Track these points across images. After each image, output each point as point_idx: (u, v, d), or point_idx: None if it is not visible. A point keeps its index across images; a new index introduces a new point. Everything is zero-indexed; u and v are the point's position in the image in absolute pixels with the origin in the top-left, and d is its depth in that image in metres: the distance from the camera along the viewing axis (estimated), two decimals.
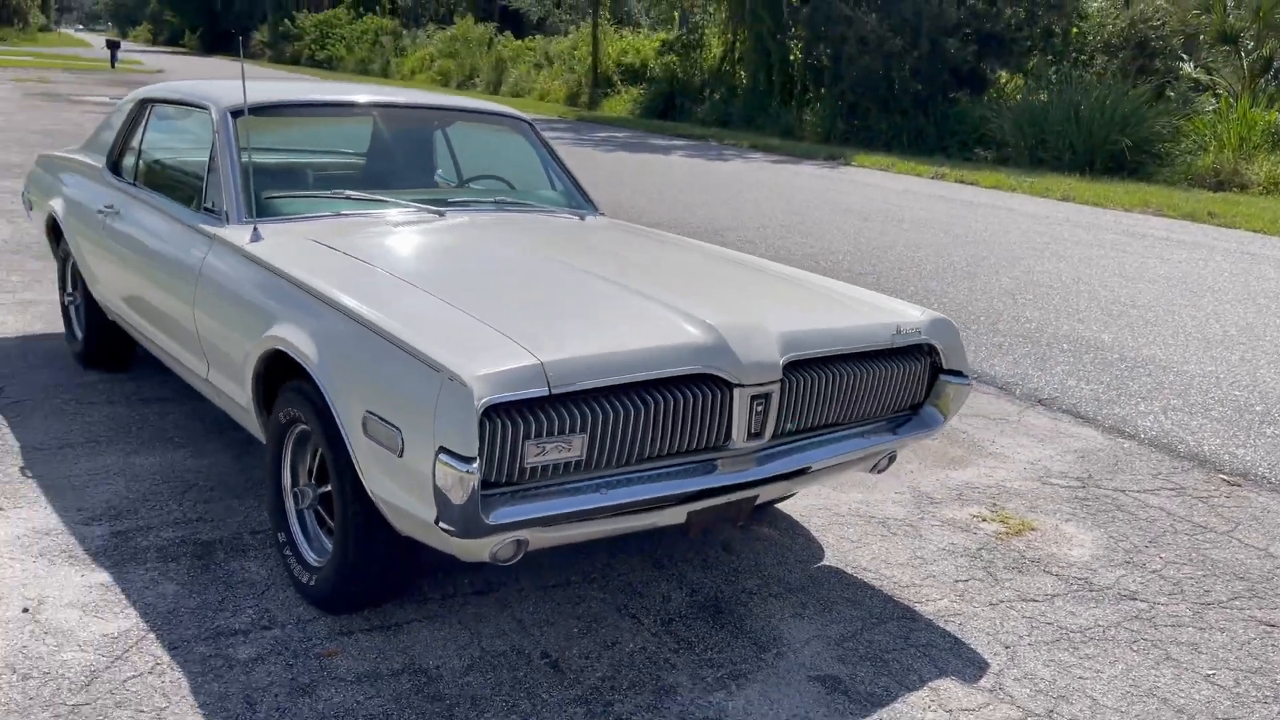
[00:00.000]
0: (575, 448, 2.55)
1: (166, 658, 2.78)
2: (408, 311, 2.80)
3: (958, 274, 8.75)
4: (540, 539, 2.65)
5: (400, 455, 2.48)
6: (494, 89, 41.61)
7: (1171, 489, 4.44)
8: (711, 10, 31.61)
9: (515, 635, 3.01)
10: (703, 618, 3.17)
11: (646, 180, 14.61)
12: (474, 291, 3.09)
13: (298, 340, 2.87)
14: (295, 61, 64.41)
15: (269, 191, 3.80)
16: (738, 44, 29.66)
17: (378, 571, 2.93)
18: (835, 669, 2.94)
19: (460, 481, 2.34)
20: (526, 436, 2.47)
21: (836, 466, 3.19)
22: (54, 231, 5.14)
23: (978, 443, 4.88)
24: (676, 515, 2.86)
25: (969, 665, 3.01)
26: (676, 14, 34.43)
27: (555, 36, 44.43)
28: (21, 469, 3.92)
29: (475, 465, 2.35)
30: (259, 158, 3.90)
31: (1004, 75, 22.13)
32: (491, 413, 2.41)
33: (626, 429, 2.62)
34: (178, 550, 3.37)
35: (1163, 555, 3.79)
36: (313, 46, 63.51)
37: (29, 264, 7.10)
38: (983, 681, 2.93)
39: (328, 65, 60.49)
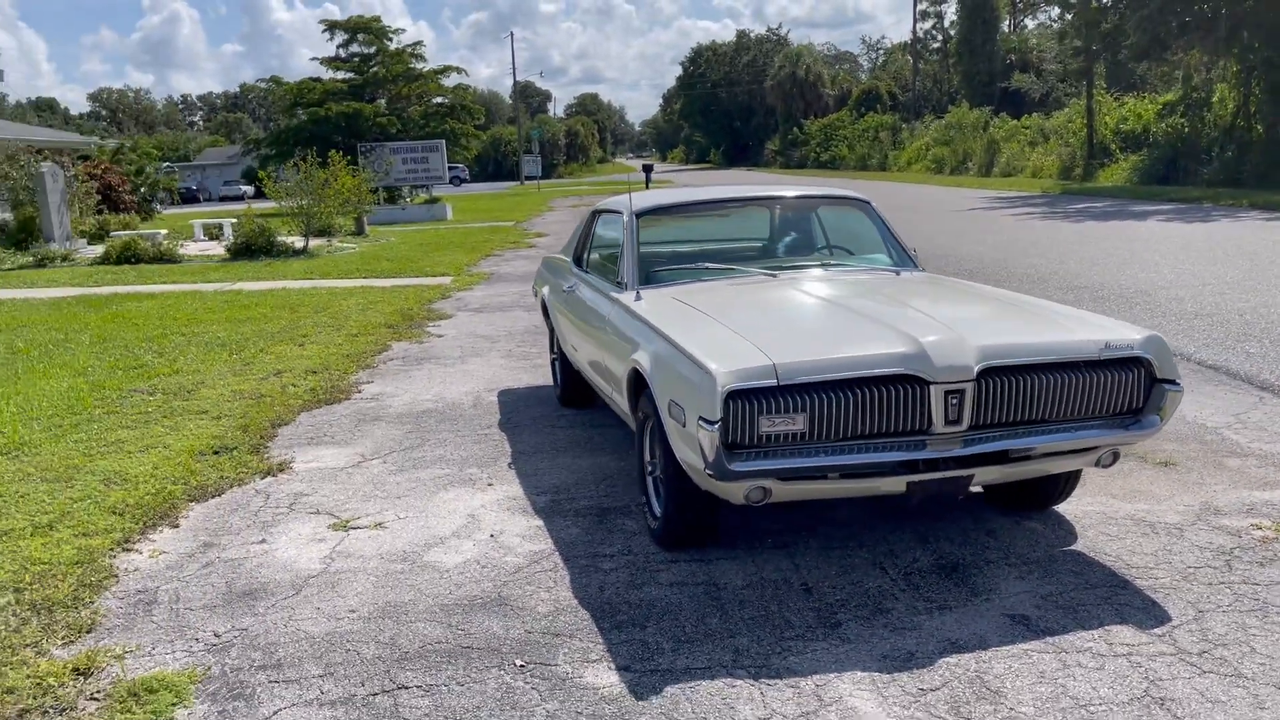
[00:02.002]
0: (798, 423, 3.70)
1: (562, 564, 4.30)
2: (701, 335, 4.13)
3: None
4: (782, 490, 3.80)
5: (684, 426, 3.80)
6: (985, 171, 41.76)
7: None
8: (1222, 64, 29.50)
9: (788, 572, 4.14)
10: (938, 573, 4.06)
11: (1077, 248, 14.58)
12: (758, 321, 4.34)
13: (642, 359, 4.32)
14: (801, 165, 69.11)
15: (653, 268, 5.36)
16: (1252, 97, 27.39)
17: (692, 519, 4.23)
18: (1028, 610, 3.69)
19: (710, 439, 3.61)
20: (761, 413, 3.67)
21: (1048, 455, 3.93)
22: (545, 310, 7.21)
23: None
24: (896, 484, 3.85)
25: (1152, 619, 3.59)
26: (1179, 73, 32.47)
27: (1057, 112, 43.52)
28: (509, 464, 5.79)
29: (718, 427, 3.60)
30: (655, 245, 5.50)
31: None
32: (735, 396, 3.65)
33: (839, 411, 3.71)
34: (587, 511, 4.95)
35: None
36: (817, 150, 67.74)
37: (544, 340, 9.49)
38: (1156, 630, 3.51)
39: (830, 165, 64.18)
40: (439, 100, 40.86)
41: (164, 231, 21.85)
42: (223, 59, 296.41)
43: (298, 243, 19.98)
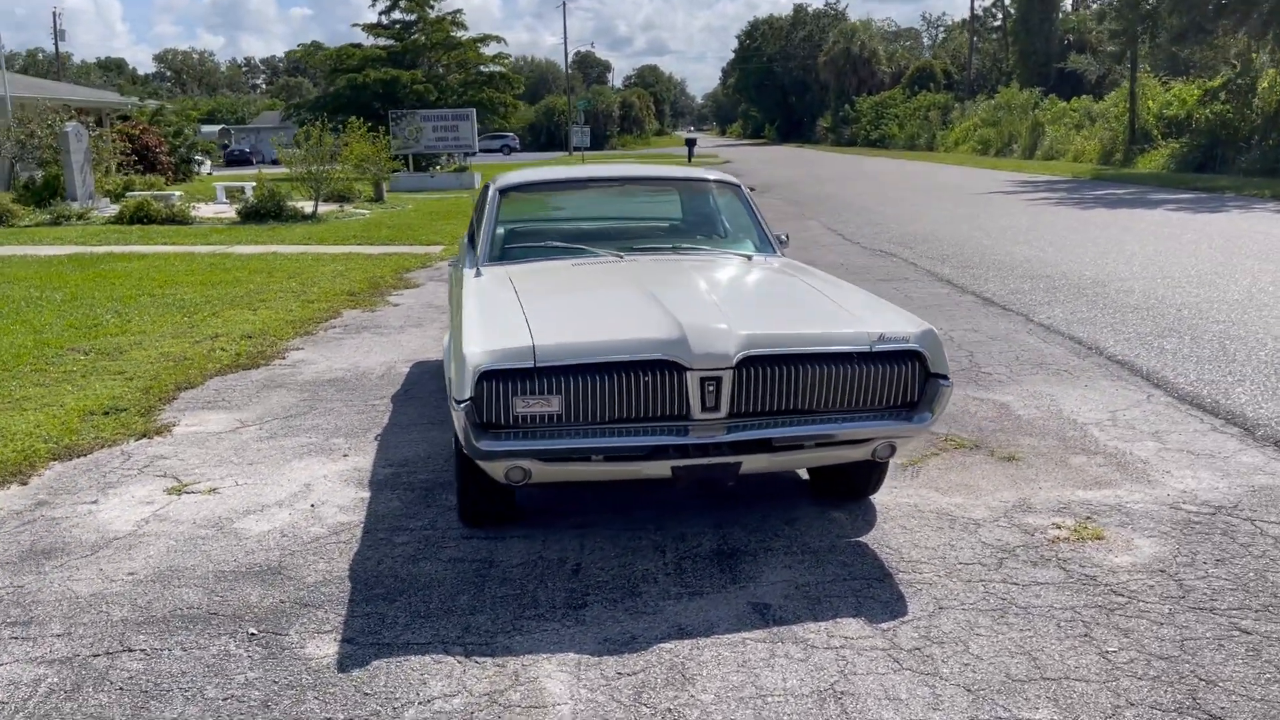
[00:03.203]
0: (554, 405, 3.72)
1: (360, 537, 4.38)
2: (491, 314, 4.16)
3: None
4: (544, 471, 3.83)
5: (451, 409, 3.85)
6: (1029, 153, 40.97)
7: None
8: (1269, 48, 28.56)
9: (570, 552, 4.17)
10: (712, 559, 4.07)
11: (1066, 236, 14.29)
12: (560, 302, 4.37)
13: (443, 338, 4.36)
14: (851, 143, 68.32)
15: (508, 245, 5.40)
16: None
17: (479, 496, 4.28)
18: (775, 600, 3.70)
19: (459, 418, 3.65)
20: (515, 394, 3.70)
21: (821, 446, 3.92)
22: None
23: (1145, 469, 4.95)
24: (661, 469, 3.86)
25: (887, 614, 3.57)
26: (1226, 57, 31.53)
27: (1110, 95, 42.48)
28: (376, 435, 5.88)
29: (465, 406, 3.64)
30: (527, 223, 5.53)
31: None
32: (488, 376, 3.68)
33: (595, 394, 3.73)
34: (420, 485, 5.02)
35: (1215, 573, 3.84)
36: (868, 128, 66.84)
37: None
38: (884, 624, 3.50)
39: (880, 144, 63.35)
40: (479, 69, 40.94)
41: (179, 193, 22.27)
42: (291, 22, 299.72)
43: (307, 208, 20.26)
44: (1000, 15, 68.70)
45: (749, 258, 5.34)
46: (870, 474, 4.50)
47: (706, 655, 3.32)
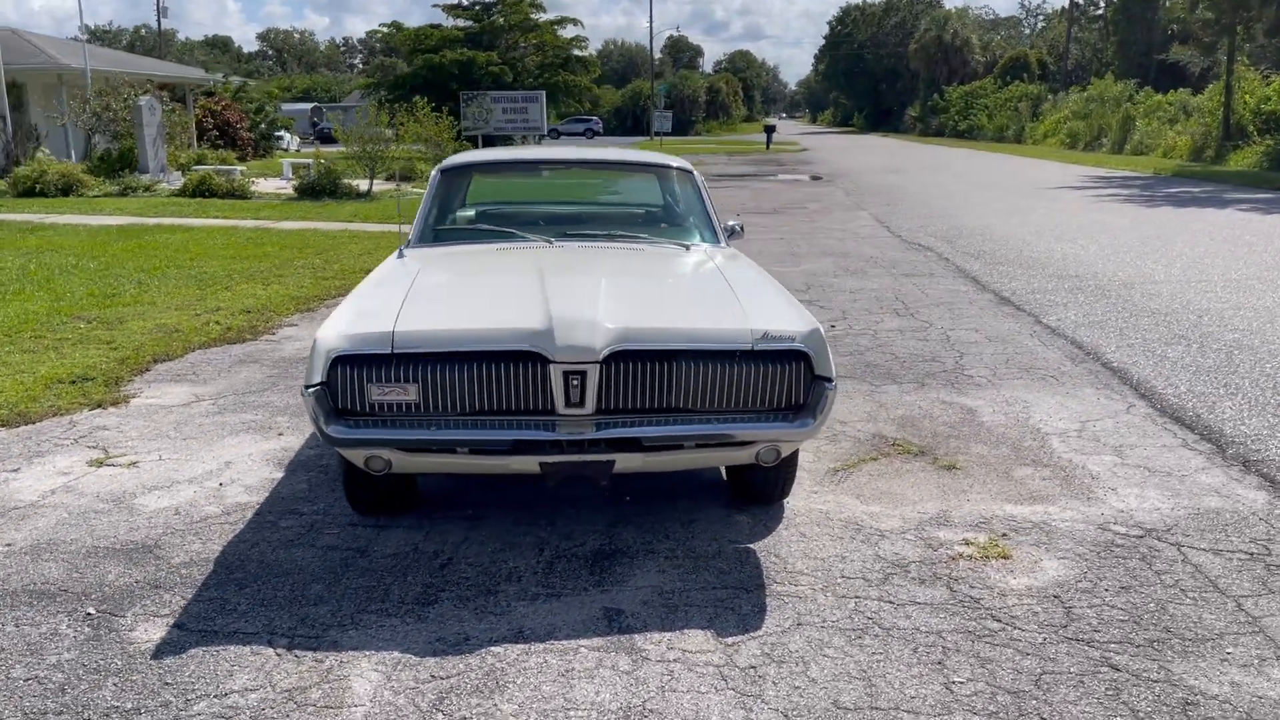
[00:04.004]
0: (411, 393, 3.60)
1: (250, 518, 4.32)
2: (372, 297, 4.05)
3: None
4: (406, 462, 3.71)
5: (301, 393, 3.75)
6: (1118, 148, 39.48)
7: (1244, 553, 3.91)
8: None
9: (449, 545, 4.05)
10: (590, 559, 3.91)
11: (1112, 236, 13.64)
12: (450, 287, 4.23)
13: None
14: (939, 133, 66.75)
15: (442, 226, 5.28)
16: None
17: (366, 485, 4.17)
18: (632, 607, 3.53)
19: (307, 403, 3.55)
20: (370, 380, 3.58)
21: (703, 447, 3.71)
22: None
23: (1090, 485, 4.63)
24: (529, 464, 3.71)
25: (740, 628, 3.38)
26: None
27: (1209, 87, 40.67)
28: None
29: (314, 391, 3.53)
30: (474, 205, 5.41)
31: None
32: (342, 361, 3.57)
33: (454, 384, 3.59)
34: (334, 469, 4.93)
35: (1112, 602, 3.55)
36: (956, 118, 65.20)
37: None
38: (731, 638, 3.31)
39: (967, 135, 61.78)
40: (556, 51, 40.99)
41: (241, 168, 22.72)
42: (394, 3, 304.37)
43: (363, 186, 20.48)
44: (1101, 3, 66.33)
45: (686, 247, 5.14)
46: (775, 478, 4.28)
47: (532, 662, 3.17)
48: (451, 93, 34.55)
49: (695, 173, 5.61)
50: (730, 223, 5.59)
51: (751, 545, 4.04)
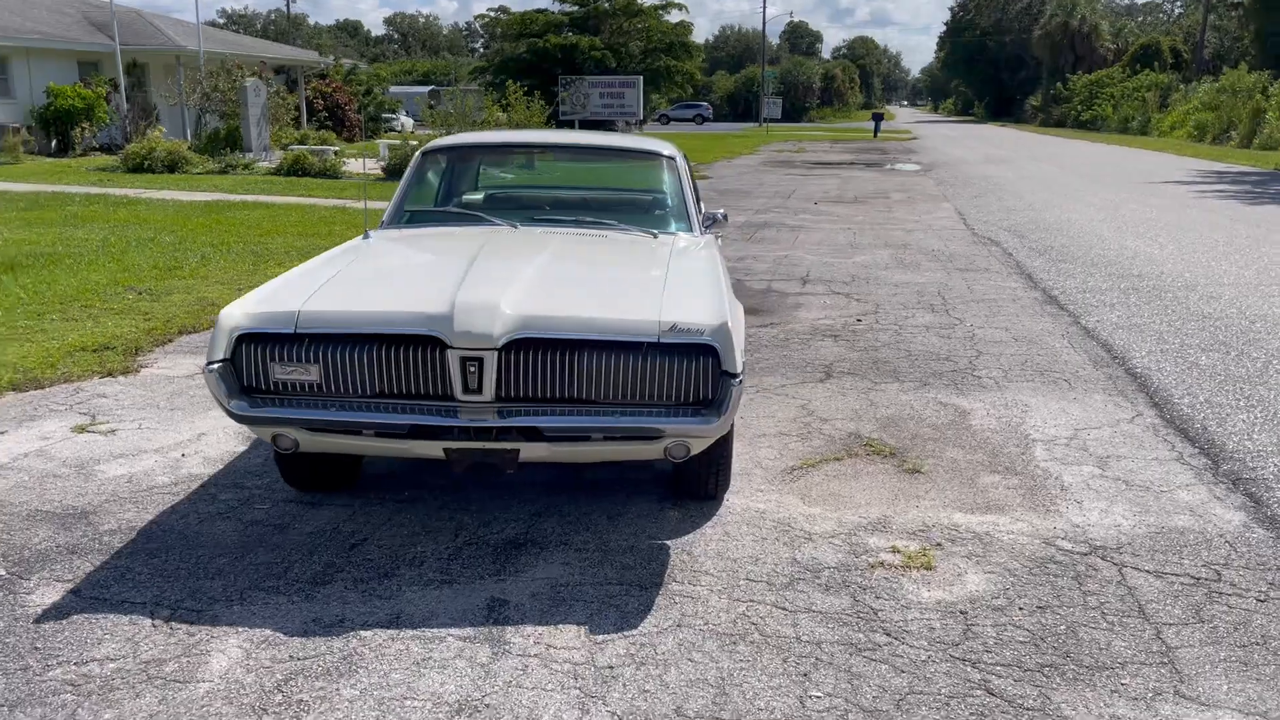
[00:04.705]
0: (312, 373, 3.61)
1: (194, 490, 4.42)
2: (299, 277, 4.07)
3: None
4: (313, 442, 3.73)
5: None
6: (1246, 142, 37.43)
7: (1190, 578, 3.64)
8: None
9: (368, 526, 4.06)
10: (498, 548, 3.86)
11: (1199, 235, 12.88)
12: (378, 269, 4.24)
13: None
14: (1060, 124, 64.39)
15: (417, 208, 5.29)
16: None
17: (296, 462, 4.21)
18: (517, 598, 3.47)
19: (208, 379, 3.60)
20: (273, 359, 3.61)
21: (610, 440, 3.63)
22: None
23: (1056, 497, 4.39)
24: (434, 449, 3.69)
25: (617, 626, 3.29)
26: None
27: None
28: None
29: (215, 368, 3.58)
30: (454, 188, 5.42)
31: None
32: (247, 339, 3.61)
33: (354, 366, 3.59)
34: None
35: (1023, 622, 3.35)
36: (1079, 107, 62.77)
37: None
38: (604, 636, 3.22)
39: (1090, 125, 59.45)
40: (661, 36, 40.89)
41: (335, 148, 23.31)
42: None
43: None
44: None
45: (654, 235, 5.03)
46: (705, 474, 4.16)
47: (393, 648, 3.15)
48: (554, 77, 34.81)
49: (679, 159, 5.49)
50: (716, 211, 5.45)
51: (668, 541, 3.94)
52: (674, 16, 41.16)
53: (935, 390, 6.00)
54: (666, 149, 5.58)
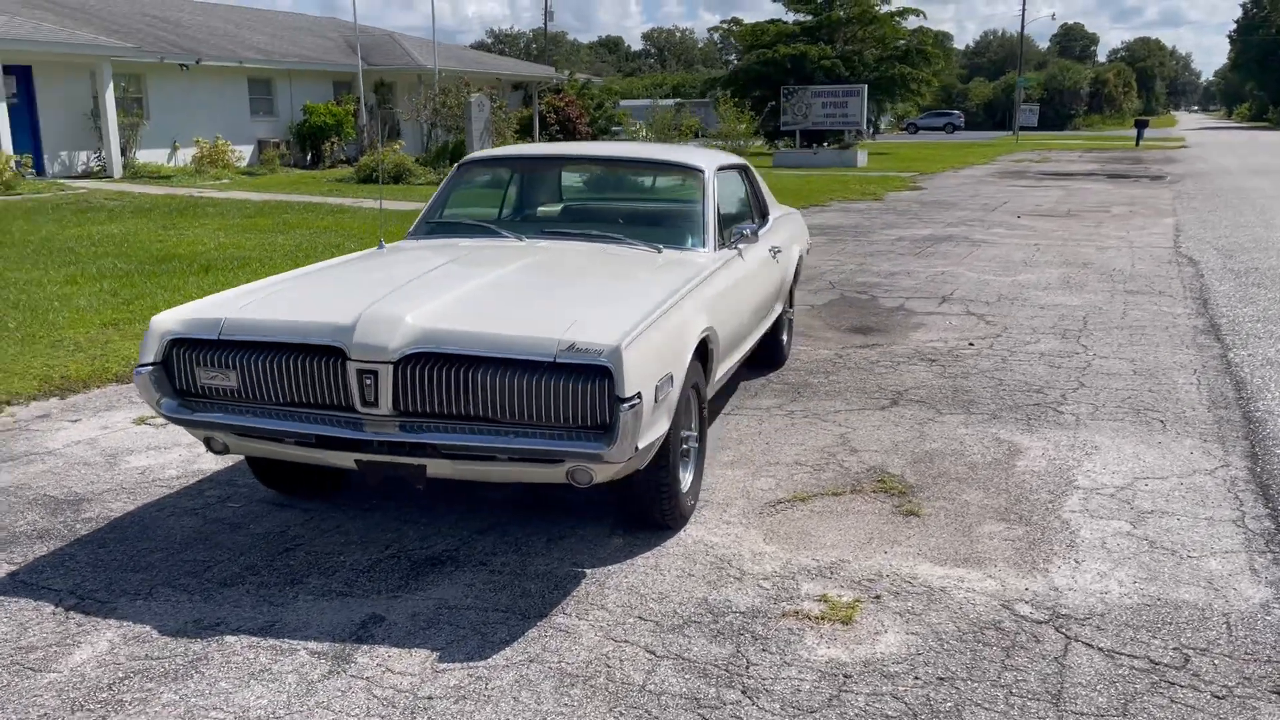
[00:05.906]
0: (231, 379, 3.71)
1: (188, 486, 4.65)
2: (277, 284, 4.21)
3: None
4: (241, 446, 3.85)
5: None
6: None
7: (1147, 660, 3.09)
8: None
9: (316, 533, 4.12)
10: (416, 565, 3.81)
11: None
12: (336, 279, 4.31)
13: None
14: None
15: (433, 220, 5.36)
16: None
17: (253, 466, 4.35)
18: (395, 616, 3.41)
19: (138, 382, 3.77)
20: (199, 364, 3.74)
21: (514, 461, 3.51)
22: None
23: (1055, 555, 3.86)
24: (345, 459, 3.70)
25: (468, 656, 3.16)
26: None
27: None
28: None
29: (144, 370, 3.74)
30: (489, 200, 5.50)
31: None
32: (177, 344, 3.75)
33: (264, 373, 3.66)
34: None
35: (901, 694, 2.96)
36: None
37: None
38: (447, 665, 3.11)
39: None
40: (898, 43, 39.69)
41: None
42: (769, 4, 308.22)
43: None
44: None
45: (658, 249, 4.82)
46: (650, 503, 3.94)
47: (242, 657, 3.17)
48: (784, 85, 34.49)
49: (706, 173, 5.24)
50: (744, 227, 5.17)
51: (589, 570, 3.76)
52: (911, 22, 39.83)
53: (1000, 425, 5.44)
54: (699, 162, 5.36)
